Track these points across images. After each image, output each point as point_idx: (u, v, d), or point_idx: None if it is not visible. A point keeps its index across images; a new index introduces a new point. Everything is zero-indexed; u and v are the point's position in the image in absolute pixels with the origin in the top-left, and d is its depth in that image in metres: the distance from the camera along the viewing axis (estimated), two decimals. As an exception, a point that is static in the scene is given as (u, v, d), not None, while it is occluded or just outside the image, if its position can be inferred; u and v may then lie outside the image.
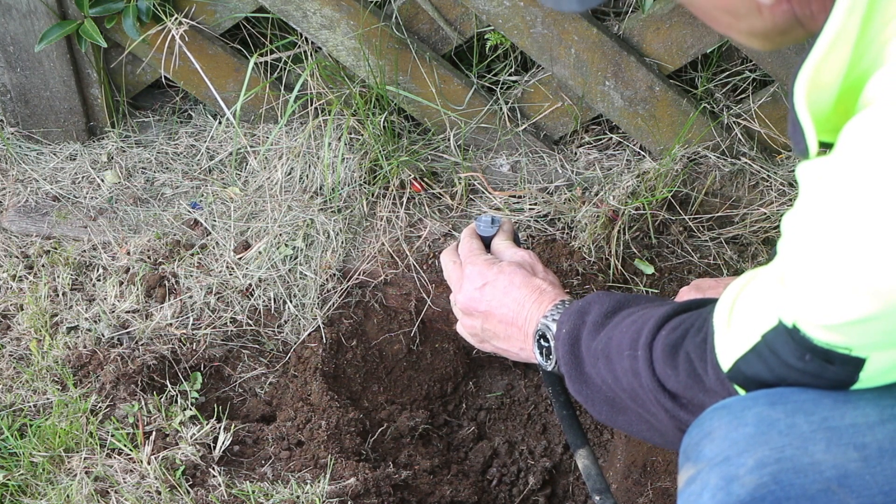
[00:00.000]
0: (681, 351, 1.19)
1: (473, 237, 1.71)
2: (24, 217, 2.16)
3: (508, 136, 2.18)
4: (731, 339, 1.10)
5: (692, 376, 1.17)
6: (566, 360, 1.39)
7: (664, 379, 1.21)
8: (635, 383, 1.25)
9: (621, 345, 1.28)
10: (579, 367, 1.37)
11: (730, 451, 1.06)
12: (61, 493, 1.74)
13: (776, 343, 1.04)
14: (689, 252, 2.08)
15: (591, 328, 1.36)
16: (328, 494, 1.76)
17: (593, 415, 1.39)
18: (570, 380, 1.39)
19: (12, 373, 1.92)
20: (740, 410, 1.08)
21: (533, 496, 2.13)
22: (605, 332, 1.34)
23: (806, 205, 0.97)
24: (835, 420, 1.05)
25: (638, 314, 1.31)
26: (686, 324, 1.21)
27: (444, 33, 2.08)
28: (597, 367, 1.33)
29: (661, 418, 1.24)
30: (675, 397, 1.20)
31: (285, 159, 2.14)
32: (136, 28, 2.02)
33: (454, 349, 2.19)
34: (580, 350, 1.37)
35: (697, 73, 2.13)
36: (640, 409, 1.28)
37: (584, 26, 1.98)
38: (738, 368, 1.09)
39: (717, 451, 1.07)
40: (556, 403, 1.81)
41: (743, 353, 1.08)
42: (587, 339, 1.36)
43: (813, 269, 0.96)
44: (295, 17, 2.04)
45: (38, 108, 2.21)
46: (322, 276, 2.04)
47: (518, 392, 2.27)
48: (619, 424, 1.36)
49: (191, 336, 1.98)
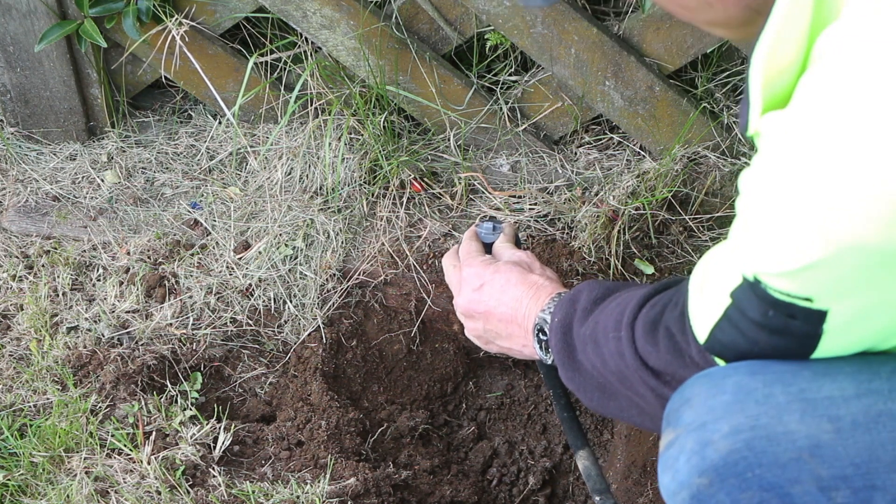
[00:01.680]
0: (660, 327, 1.20)
1: (473, 239, 1.72)
2: (24, 217, 2.16)
3: (508, 136, 2.18)
4: (704, 307, 1.11)
5: (673, 352, 1.18)
6: (558, 348, 1.40)
7: (646, 356, 1.22)
8: (621, 364, 1.26)
9: (606, 327, 1.30)
10: (571, 354, 1.38)
11: (706, 417, 1.08)
12: (61, 493, 1.74)
13: (743, 302, 1.05)
14: (689, 252, 2.08)
15: (581, 315, 1.38)
16: (328, 494, 1.76)
17: (585, 403, 1.40)
18: (563, 367, 1.40)
19: (12, 373, 1.92)
20: (720, 379, 1.10)
21: (533, 496, 2.13)
22: (593, 317, 1.35)
23: (759, 160, 0.98)
24: (811, 392, 1.06)
25: (623, 296, 1.33)
26: (664, 299, 1.23)
27: (444, 33, 2.08)
28: (586, 353, 1.35)
29: (648, 399, 1.26)
30: (658, 374, 1.22)
31: (285, 159, 2.14)
32: (136, 28, 2.02)
33: (454, 349, 2.19)
34: (572, 338, 1.39)
35: (697, 73, 2.13)
36: (628, 391, 1.29)
37: (584, 26, 1.98)
38: (715, 337, 1.11)
39: (694, 416, 1.10)
40: (556, 405, 1.82)
41: (716, 321, 1.09)
42: (577, 325, 1.38)
43: (767, 218, 0.98)
44: (295, 17, 2.04)
45: (38, 108, 2.21)
46: (322, 276, 2.04)
47: (518, 392, 2.27)
48: (611, 410, 1.37)
49: (191, 336, 1.98)
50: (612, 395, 1.34)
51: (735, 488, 1.06)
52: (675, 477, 1.09)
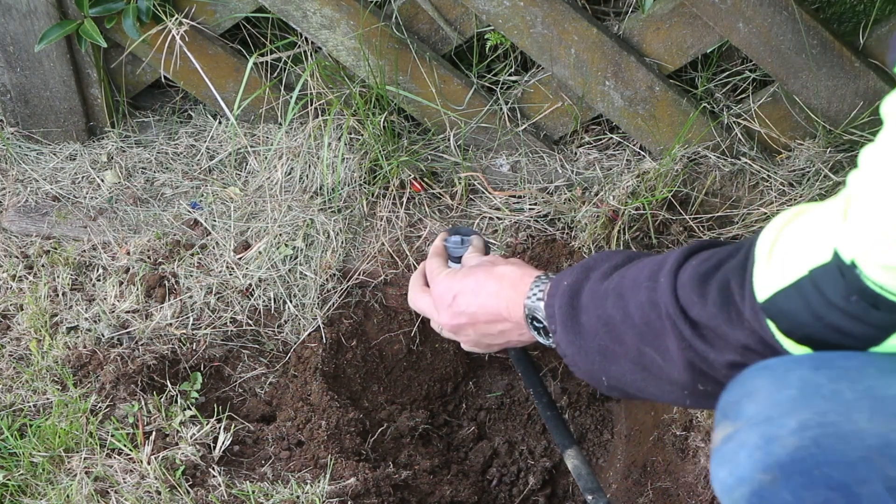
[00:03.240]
0: (712, 280, 1.16)
1: (437, 255, 1.68)
2: (24, 217, 2.16)
3: (508, 136, 2.18)
4: (773, 270, 1.08)
5: (722, 305, 1.14)
6: (563, 311, 1.36)
7: (688, 305, 1.18)
8: (651, 314, 1.23)
9: (638, 279, 1.26)
10: (575, 317, 1.35)
11: (772, 412, 1.05)
12: (61, 493, 1.74)
13: (824, 279, 1.02)
14: (689, 252, 2.08)
15: (599, 277, 1.34)
16: (328, 494, 1.76)
17: (581, 370, 1.37)
18: (565, 330, 1.36)
19: (12, 373, 1.92)
20: (784, 372, 1.07)
21: (533, 496, 2.13)
22: (618, 274, 1.32)
23: (888, 139, 0.94)
24: (880, 389, 1.04)
25: (653, 257, 1.30)
26: (720, 254, 1.19)
27: (444, 33, 2.08)
28: (602, 309, 1.31)
29: (670, 354, 1.22)
30: (696, 326, 1.18)
31: (285, 159, 2.14)
32: (136, 28, 2.02)
33: (454, 349, 2.19)
34: (580, 300, 1.35)
35: (697, 73, 2.13)
36: (646, 346, 1.26)
37: (584, 26, 1.98)
38: (775, 301, 1.07)
39: (758, 410, 1.07)
40: (539, 404, 1.80)
41: (784, 286, 1.06)
42: (593, 286, 1.34)
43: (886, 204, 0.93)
44: (295, 17, 2.04)
45: (38, 108, 2.21)
46: (322, 276, 2.04)
47: (518, 392, 2.27)
48: (611, 374, 1.33)
49: (191, 336, 1.98)
50: (615, 358, 1.31)
51: (800, 486, 1.03)
52: (734, 472, 1.06)
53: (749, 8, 1.89)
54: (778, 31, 1.91)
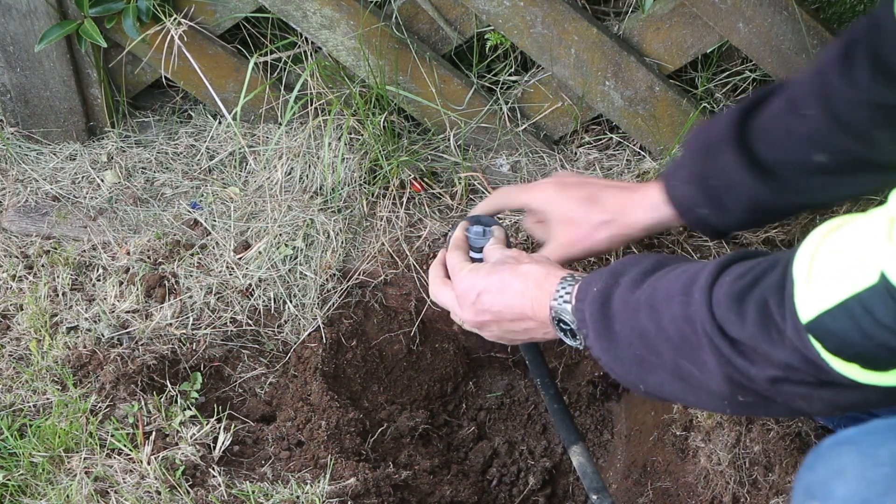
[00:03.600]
0: (749, 299, 1.15)
1: (459, 248, 1.68)
2: (23, 217, 2.16)
3: (508, 136, 2.18)
4: (815, 290, 1.06)
5: (762, 325, 1.13)
6: (595, 318, 1.35)
7: (725, 324, 1.17)
8: (686, 329, 1.21)
9: (671, 292, 1.25)
10: (608, 325, 1.34)
11: (868, 493, 1.02)
12: (61, 493, 1.74)
13: (873, 301, 1.00)
14: (689, 252, 2.08)
15: (630, 284, 1.33)
16: (328, 494, 1.76)
17: (617, 375, 1.36)
18: (598, 339, 1.36)
19: (12, 373, 1.92)
20: (872, 448, 1.05)
21: (533, 496, 2.13)
22: (649, 284, 1.30)
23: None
24: None
25: (686, 266, 1.28)
26: (755, 271, 1.17)
27: (444, 33, 2.08)
28: (635, 320, 1.30)
29: (708, 367, 1.21)
30: (734, 343, 1.16)
31: (285, 159, 2.14)
32: (135, 28, 2.02)
33: (454, 349, 2.19)
34: (611, 308, 1.34)
35: (697, 73, 2.13)
36: (682, 358, 1.24)
37: (584, 26, 1.98)
38: (822, 322, 1.05)
39: (852, 491, 1.03)
40: (546, 395, 1.78)
41: (829, 307, 1.04)
42: (624, 293, 1.33)
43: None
44: (295, 17, 2.04)
45: (38, 108, 2.22)
46: (322, 276, 2.04)
47: (518, 392, 2.27)
48: (649, 383, 1.32)
49: (191, 336, 1.98)
50: (652, 368, 1.30)
51: None
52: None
53: (749, 8, 1.89)
54: (778, 31, 1.91)
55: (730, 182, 1.60)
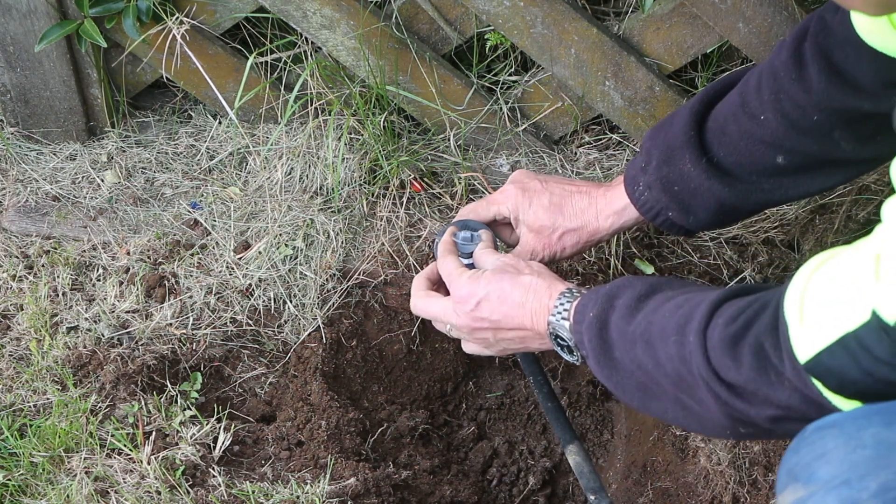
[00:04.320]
0: (743, 343, 1.15)
1: (450, 254, 1.67)
2: (24, 217, 2.16)
3: (508, 136, 2.18)
4: (810, 331, 1.06)
5: (759, 369, 1.13)
6: (594, 344, 1.36)
7: (721, 369, 1.17)
8: (682, 369, 1.22)
9: (665, 329, 1.25)
10: (608, 352, 1.34)
11: (849, 474, 1.02)
12: (61, 493, 1.74)
13: (868, 339, 1.00)
14: (689, 252, 2.08)
15: (625, 312, 1.33)
16: (328, 494, 1.76)
17: (623, 400, 1.36)
18: (599, 365, 1.36)
19: (12, 373, 1.92)
20: (855, 431, 1.04)
21: (533, 496, 2.13)
22: (644, 315, 1.30)
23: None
24: None
25: (681, 298, 1.28)
26: (748, 314, 1.17)
27: (444, 33, 2.08)
28: (633, 352, 1.30)
29: (707, 404, 1.21)
30: (731, 387, 1.17)
31: (285, 159, 2.14)
32: (136, 28, 2.02)
33: (454, 349, 2.19)
34: (609, 335, 1.34)
35: (697, 73, 2.13)
36: (681, 394, 1.25)
37: (584, 26, 1.98)
38: (820, 361, 1.05)
39: (834, 473, 1.03)
40: (539, 394, 1.78)
41: (826, 346, 1.03)
42: (620, 322, 1.33)
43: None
44: (295, 17, 2.04)
45: (38, 108, 2.21)
46: (322, 276, 2.04)
47: (518, 392, 2.27)
48: (653, 410, 1.33)
49: (191, 336, 1.98)
50: (655, 396, 1.31)
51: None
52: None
53: (749, 8, 1.89)
54: (778, 31, 1.91)
55: (693, 188, 1.61)
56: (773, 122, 1.53)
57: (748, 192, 1.60)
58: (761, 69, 1.56)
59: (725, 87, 1.63)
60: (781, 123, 1.52)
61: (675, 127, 1.63)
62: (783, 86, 1.50)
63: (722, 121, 1.60)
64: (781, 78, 1.51)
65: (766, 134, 1.54)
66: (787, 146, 1.54)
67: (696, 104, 1.62)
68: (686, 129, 1.61)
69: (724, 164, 1.59)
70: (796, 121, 1.51)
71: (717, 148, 1.60)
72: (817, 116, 1.48)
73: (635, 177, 1.67)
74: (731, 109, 1.59)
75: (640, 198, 1.67)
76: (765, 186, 1.59)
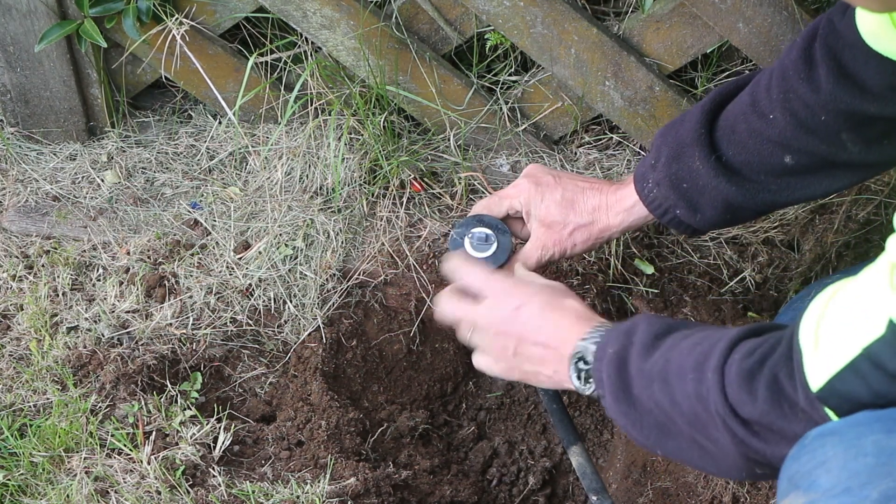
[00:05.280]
0: (759, 377, 1.15)
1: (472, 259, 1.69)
2: (24, 217, 2.16)
3: (508, 136, 2.18)
4: (823, 355, 1.05)
5: (773, 402, 1.13)
6: (612, 381, 1.34)
7: (738, 405, 1.17)
8: (699, 408, 1.22)
9: (683, 367, 1.24)
10: (627, 389, 1.33)
11: (850, 483, 1.01)
12: (61, 493, 1.74)
13: (882, 354, 0.99)
14: (689, 252, 2.08)
15: (642, 349, 1.32)
16: (328, 494, 1.76)
17: (637, 438, 1.35)
18: (616, 402, 1.35)
19: (12, 373, 1.92)
20: (856, 438, 1.04)
21: (533, 496, 2.13)
22: (661, 354, 1.30)
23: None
24: None
25: (698, 336, 1.28)
26: (764, 348, 1.17)
27: (444, 33, 2.08)
28: (650, 390, 1.29)
29: (722, 444, 1.21)
30: (747, 424, 1.17)
31: (285, 159, 2.14)
32: (136, 28, 2.02)
33: (454, 349, 2.19)
34: (628, 372, 1.33)
35: (697, 73, 2.13)
36: (697, 434, 1.25)
37: (584, 26, 1.98)
38: (833, 387, 1.05)
39: (835, 481, 1.03)
40: (544, 396, 1.79)
41: (838, 370, 1.03)
42: (637, 360, 1.32)
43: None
44: (295, 17, 2.04)
45: (38, 108, 2.22)
46: (322, 276, 2.04)
47: (518, 392, 2.27)
48: (668, 449, 1.32)
49: (191, 336, 1.98)
50: (672, 435, 1.30)
51: None
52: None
53: (749, 8, 1.89)
54: (778, 31, 1.91)
55: (702, 185, 1.62)
56: (781, 121, 1.53)
57: (755, 191, 1.60)
58: (772, 69, 1.57)
59: (738, 87, 1.64)
60: (790, 123, 1.53)
61: (686, 125, 1.64)
62: (792, 85, 1.51)
63: (732, 119, 1.60)
64: (791, 77, 1.51)
65: (775, 133, 1.55)
66: (796, 146, 1.54)
67: (709, 103, 1.63)
68: (697, 127, 1.61)
69: (732, 163, 1.60)
70: (805, 120, 1.51)
71: (727, 146, 1.60)
72: (825, 117, 1.49)
73: (644, 174, 1.68)
74: (741, 108, 1.60)
75: (649, 195, 1.67)
76: (772, 187, 1.60)
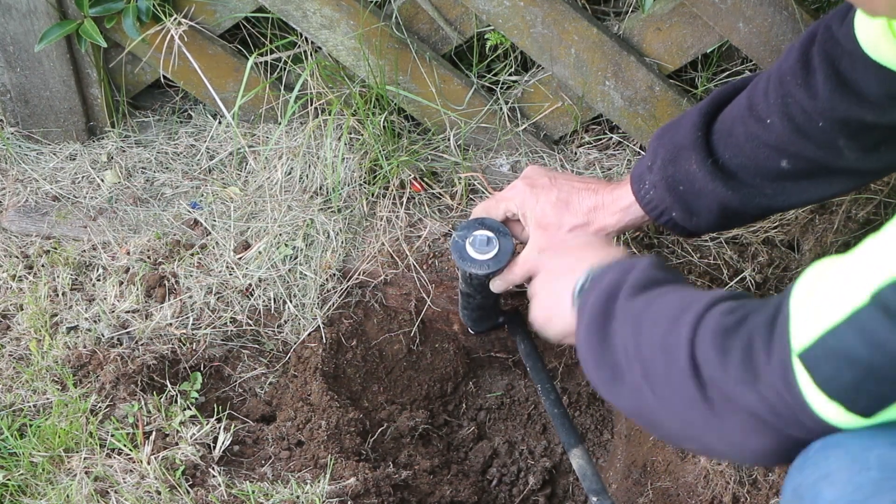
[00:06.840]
0: (736, 335, 1.13)
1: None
2: (24, 217, 2.16)
3: (508, 136, 2.18)
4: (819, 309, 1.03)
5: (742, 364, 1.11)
6: (596, 307, 1.37)
7: (704, 363, 1.16)
8: (659, 359, 1.22)
9: (657, 318, 1.25)
10: (606, 321, 1.35)
11: (855, 496, 1.01)
12: (61, 493, 1.74)
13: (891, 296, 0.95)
14: (689, 252, 2.08)
15: (631, 289, 1.34)
16: (328, 494, 1.76)
17: (590, 373, 1.36)
18: (591, 329, 1.36)
19: (12, 373, 1.92)
20: (860, 451, 1.03)
21: (533, 496, 2.13)
22: (644, 299, 1.31)
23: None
24: None
25: (687, 292, 1.29)
26: (746, 308, 1.16)
27: (444, 33, 2.08)
28: (624, 329, 1.31)
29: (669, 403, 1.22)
30: (703, 387, 1.16)
31: (285, 159, 2.14)
32: (135, 28, 2.02)
33: (454, 349, 2.19)
34: (614, 306, 1.35)
35: (697, 73, 2.13)
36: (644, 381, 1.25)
37: (584, 26, 1.98)
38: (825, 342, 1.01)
39: (839, 495, 1.02)
40: (546, 400, 1.81)
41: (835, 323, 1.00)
42: (623, 298, 1.34)
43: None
44: (295, 17, 2.04)
45: (38, 108, 2.22)
46: (322, 276, 2.04)
47: (518, 392, 2.27)
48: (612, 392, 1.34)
49: (191, 336, 1.98)
50: (621, 379, 1.31)
51: None
52: None
53: (749, 8, 1.89)
54: (778, 31, 1.91)
55: (698, 189, 1.62)
56: (778, 125, 1.54)
57: (751, 195, 1.61)
58: (770, 73, 1.57)
59: (736, 91, 1.64)
60: (787, 127, 1.53)
61: (683, 127, 1.64)
62: (790, 90, 1.51)
63: (729, 123, 1.61)
64: (788, 82, 1.51)
65: (772, 137, 1.55)
66: (792, 150, 1.54)
67: (706, 106, 1.64)
68: (694, 130, 1.62)
69: (728, 167, 1.60)
70: (802, 125, 1.51)
71: (724, 150, 1.61)
72: (822, 123, 1.49)
73: (641, 175, 1.69)
74: (738, 112, 1.60)
75: (645, 196, 1.68)
76: (768, 191, 1.60)
